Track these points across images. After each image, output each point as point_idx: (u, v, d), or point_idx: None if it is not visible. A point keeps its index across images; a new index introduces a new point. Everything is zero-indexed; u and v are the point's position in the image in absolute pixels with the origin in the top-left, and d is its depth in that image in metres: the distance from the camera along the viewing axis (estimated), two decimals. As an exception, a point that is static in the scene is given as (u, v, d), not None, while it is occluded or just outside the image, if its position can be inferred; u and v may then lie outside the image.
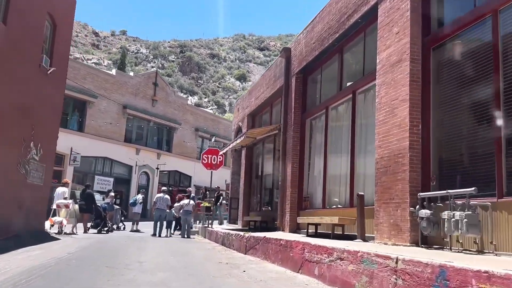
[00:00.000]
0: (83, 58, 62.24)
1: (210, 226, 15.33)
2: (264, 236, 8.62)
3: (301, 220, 9.91)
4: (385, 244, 6.80)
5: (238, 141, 13.01)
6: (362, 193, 7.81)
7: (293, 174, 11.29)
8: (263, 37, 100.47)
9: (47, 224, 12.66)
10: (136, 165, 29.79)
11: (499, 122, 5.42)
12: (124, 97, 28.90)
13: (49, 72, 11.11)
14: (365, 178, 8.46)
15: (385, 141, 7.14)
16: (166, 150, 32.85)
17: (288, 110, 11.93)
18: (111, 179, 28.25)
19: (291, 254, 6.90)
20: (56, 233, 12.58)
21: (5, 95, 8.86)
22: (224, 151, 15.49)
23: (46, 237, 11.23)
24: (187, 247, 11.24)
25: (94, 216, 15.60)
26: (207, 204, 16.01)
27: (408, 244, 6.35)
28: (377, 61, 7.68)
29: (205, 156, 16.70)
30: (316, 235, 9.59)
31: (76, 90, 25.70)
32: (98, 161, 27.81)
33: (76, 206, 13.67)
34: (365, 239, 7.59)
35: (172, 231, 16.42)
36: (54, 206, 13.18)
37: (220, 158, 16.81)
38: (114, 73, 28.64)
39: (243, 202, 16.44)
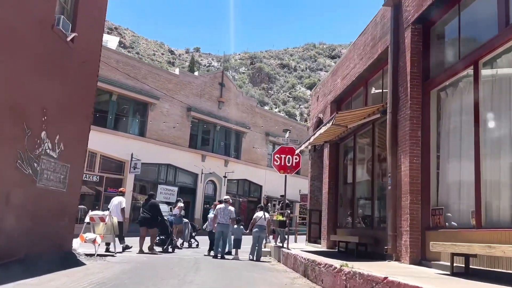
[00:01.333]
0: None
1: (285, 247, 11.74)
2: (386, 278, 4.86)
3: (439, 246, 5.96)
4: None
5: (323, 130, 9.34)
6: None
7: (412, 175, 7.36)
8: (334, 45, 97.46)
9: (76, 242, 9.82)
10: (202, 173, 27.10)
11: None
12: (189, 99, 26.43)
13: (68, 38, 8.30)
14: None
15: None
16: (234, 156, 29.92)
17: (399, 80, 8.06)
18: (175, 188, 25.76)
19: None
20: (87, 255, 9.70)
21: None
22: (302, 147, 11.85)
23: (66, 262, 8.31)
24: (253, 281, 7.72)
25: (159, 231, 12.82)
26: (280, 218, 12.45)
27: None
28: None
29: (277, 156, 13.20)
30: (468, 272, 5.64)
31: (136, 90, 23.60)
32: (161, 168, 25.46)
33: (115, 220, 10.75)
34: None
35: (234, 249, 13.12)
36: (87, 220, 10.36)
37: (296, 159, 13.21)
38: (177, 73, 26.35)
39: (327, 216, 12.65)
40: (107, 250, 10.81)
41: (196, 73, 27.21)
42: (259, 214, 13.06)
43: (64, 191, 8.92)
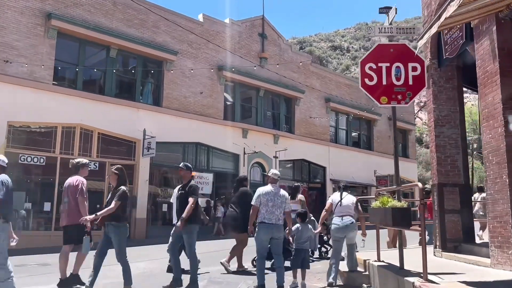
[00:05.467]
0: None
1: (422, 274, 4.52)
2: None
3: None
4: None
5: None
6: None
7: None
8: None
9: None
10: (244, 153, 20.28)
11: None
12: (218, 54, 19.66)
13: None
14: None
15: None
16: (286, 130, 22.78)
17: None
18: (209, 175, 19.14)
19: None
20: None
21: None
22: (435, 27, 4.48)
23: None
24: None
25: None
26: (396, 203, 5.28)
27: None
28: None
29: (369, 68, 5.89)
30: None
31: (144, 42, 17.15)
32: (188, 149, 18.89)
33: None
34: None
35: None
36: None
37: (415, 70, 5.87)
38: (201, 19, 19.59)
39: (509, 192, 5.24)
40: None
41: (227, 20, 20.44)
42: (334, 196, 6.84)
43: None
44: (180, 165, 6.76)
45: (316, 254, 10.13)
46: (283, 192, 6.60)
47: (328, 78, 25.11)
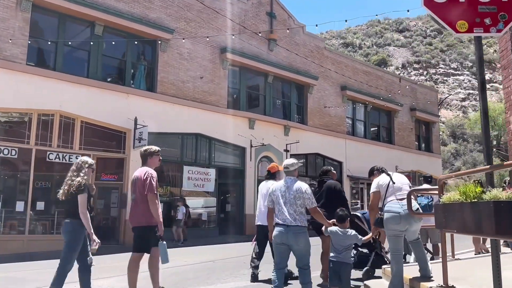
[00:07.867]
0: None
1: None
2: None
3: None
4: None
5: None
6: None
7: None
8: (401, 19, 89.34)
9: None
10: (251, 146, 18.05)
11: None
12: (221, 35, 17.46)
13: None
14: None
15: None
16: (298, 120, 20.48)
17: None
18: (212, 171, 16.96)
19: None
20: None
21: None
22: None
23: None
24: None
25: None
26: (498, 194, 3.15)
27: None
28: None
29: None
30: None
31: (135, 18, 15.03)
32: (187, 141, 16.70)
33: None
34: None
35: None
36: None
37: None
38: (201, -5, 17.49)
39: None
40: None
41: (230, -3, 18.32)
42: (381, 178, 5.10)
43: None
44: None
45: (410, 259, 7.87)
46: (298, 185, 4.79)
47: (344, 64, 22.72)
